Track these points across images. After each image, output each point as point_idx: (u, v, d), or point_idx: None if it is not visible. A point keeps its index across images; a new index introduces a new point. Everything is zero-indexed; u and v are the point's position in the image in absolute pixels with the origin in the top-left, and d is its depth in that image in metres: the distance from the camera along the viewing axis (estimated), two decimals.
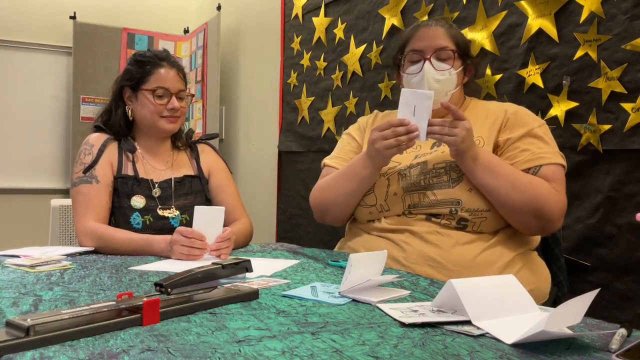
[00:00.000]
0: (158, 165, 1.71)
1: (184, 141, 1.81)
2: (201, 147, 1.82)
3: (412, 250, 1.30)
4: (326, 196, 1.49)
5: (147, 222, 1.59)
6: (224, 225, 1.47)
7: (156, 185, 1.64)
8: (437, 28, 1.44)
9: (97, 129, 1.72)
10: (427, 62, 1.41)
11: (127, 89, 1.69)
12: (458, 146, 1.26)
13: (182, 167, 1.74)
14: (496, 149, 1.39)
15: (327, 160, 1.59)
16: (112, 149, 1.67)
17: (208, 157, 1.80)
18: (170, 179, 1.68)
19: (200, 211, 1.45)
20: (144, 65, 1.67)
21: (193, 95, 2.04)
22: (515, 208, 1.27)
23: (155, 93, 1.65)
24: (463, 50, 1.45)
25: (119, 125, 1.70)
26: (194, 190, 1.70)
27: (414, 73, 1.43)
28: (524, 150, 1.34)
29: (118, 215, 1.62)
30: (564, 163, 1.34)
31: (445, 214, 1.32)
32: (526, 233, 1.34)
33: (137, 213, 1.60)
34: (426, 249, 1.30)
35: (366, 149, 1.40)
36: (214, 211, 1.46)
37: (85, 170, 1.61)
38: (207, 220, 1.43)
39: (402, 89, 1.34)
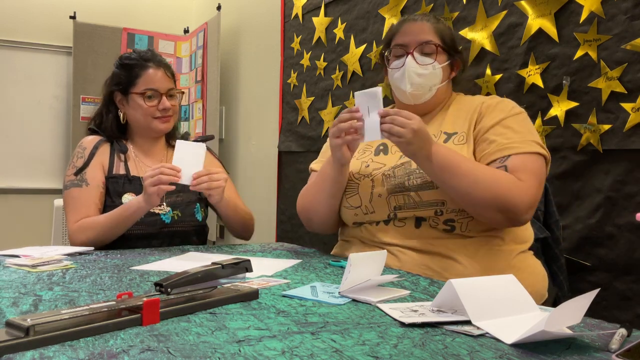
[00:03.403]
0: (152, 164, 1.72)
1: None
2: None
3: (407, 259, 1.29)
4: (307, 202, 1.48)
5: (139, 218, 1.60)
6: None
7: None
8: (423, 23, 1.42)
9: (91, 131, 1.75)
10: (409, 57, 1.39)
11: (118, 93, 1.71)
12: (405, 149, 1.21)
13: None
14: (474, 143, 1.35)
15: (313, 165, 1.59)
16: (104, 151, 1.70)
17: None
18: None
19: (180, 145, 1.47)
20: (131, 69, 1.69)
21: (183, 93, 2.07)
22: (477, 205, 1.23)
23: (145, 95, 1.67)
24: (448, 45, 1.42)
25: (111, 129, 1.73)
26: (186, 188, 1.71)
27: (397, 68, 1.41)
28: (492, 142, 1.29)
29: None
30: (540, 151, 1.27)
31: (430, 215, 1.29)
32: (496, 227, 1.29)
33: None
34: (422, 259, 1.28)
35: None
36: (194, 147, 1.47)
37: (76, 173, 1.63)
38: (187, 155, 1.45)
39: (355, 93, 1.30)
